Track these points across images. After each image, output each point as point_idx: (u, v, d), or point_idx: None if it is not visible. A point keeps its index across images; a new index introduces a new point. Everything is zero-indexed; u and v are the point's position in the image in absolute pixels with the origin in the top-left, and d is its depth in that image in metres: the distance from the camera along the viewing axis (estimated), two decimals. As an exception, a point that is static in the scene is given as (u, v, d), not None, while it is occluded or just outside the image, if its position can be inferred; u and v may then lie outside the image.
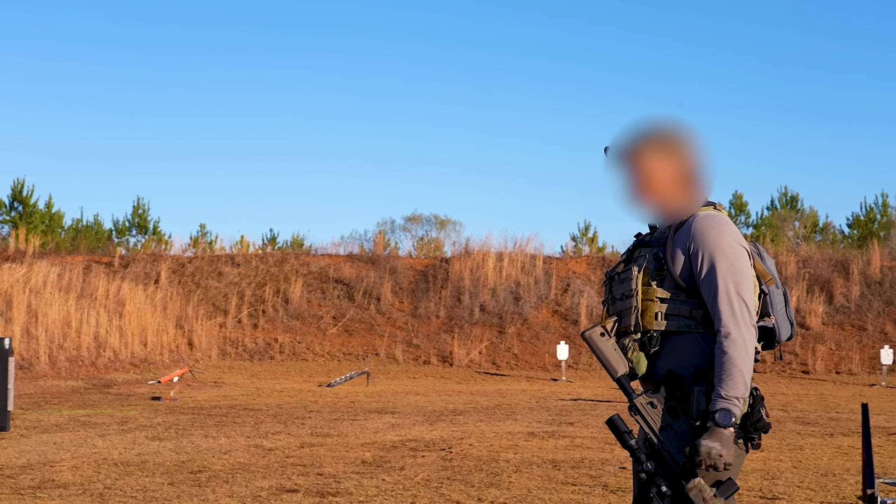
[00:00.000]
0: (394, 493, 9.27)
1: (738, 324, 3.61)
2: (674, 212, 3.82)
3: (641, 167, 3.81)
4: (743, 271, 3.69)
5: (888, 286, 31.54)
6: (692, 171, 3.83)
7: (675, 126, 3.85)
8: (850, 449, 12.72)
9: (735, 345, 3.57)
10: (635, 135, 3.84)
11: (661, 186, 3.81)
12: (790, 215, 42.10)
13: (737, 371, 3.54)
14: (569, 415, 17.01)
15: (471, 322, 30.68)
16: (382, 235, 37.86)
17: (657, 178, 3.80)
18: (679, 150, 3.82)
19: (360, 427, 14.77)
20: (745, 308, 3.65)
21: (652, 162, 3.81)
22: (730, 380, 3.53)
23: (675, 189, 3.81)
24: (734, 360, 3.55)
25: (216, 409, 17.52)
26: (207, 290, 31.98)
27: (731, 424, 3.50)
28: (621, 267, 3.94)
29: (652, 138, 3.82)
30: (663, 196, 3.81)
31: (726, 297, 3.64)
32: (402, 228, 41.46)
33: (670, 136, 3.83)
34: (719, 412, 3.50)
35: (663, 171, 3.81)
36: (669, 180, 3.81)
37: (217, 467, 10.67)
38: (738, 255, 3.71)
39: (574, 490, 9.54)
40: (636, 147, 3.82)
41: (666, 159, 3.81)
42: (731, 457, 3.46)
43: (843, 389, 24.58)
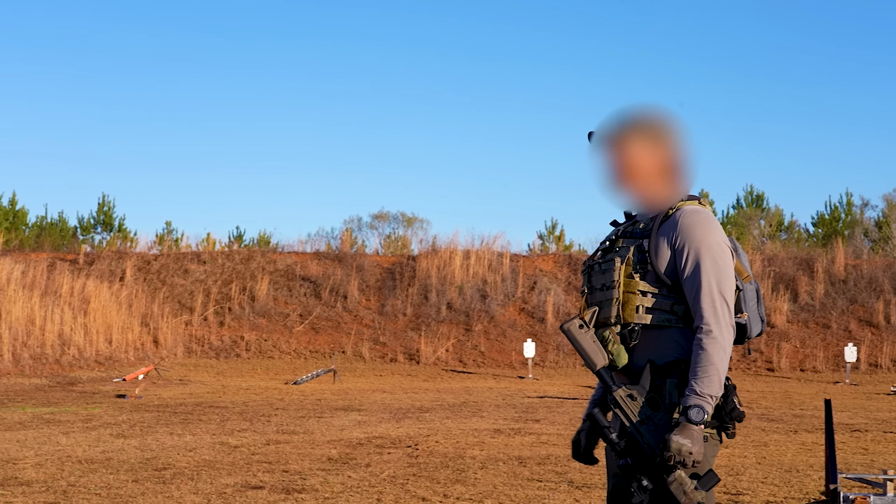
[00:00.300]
0: (359, 489, 9.26)
1: (720, 322, 3.61)
2: (655, 201, 3.79)
3: (625, 154, 3.78)
4: (727, 270, 3.69)
5: (852, 284, 31.76)
6: (676, 161, 3.80)
7: (662, 115, 3.82)
8: (814, 445, 12.80)
9: (714, 343, 3.57)
10: (621, 121, 3.80)
11: (644, 175, 3.77)
12: (756, 214, 42.33)
13: (713, 369, 3.54)
14: (535, 412, 17.04)
15: (438, 320, 30.68)
16: (349, 233, 37.82)
17: (641, 165, 3.77)
18: (664, 139, 3.79)
19: (326, 424, 14.74)
20: (727, 307, 3.65)
21: (636, 149, 3.77)
22: (706, 377, 3.53)
23: (659, 178, 3.78)
24: (712, 359, 3.55)
25: (181, 406, 17.44)
26: (173, 287, 31.83)
27: (703, 422, 3.50)
28: (598, 255, 3.92)
29: (638, 125, 3.78)
30: (646, 184, 3.78)
31: (709, 296, 3.63)
32: (369, 226, 41.46)
33: (657, 124, 3.80)
34: (693, 409, 3.49)
35: (647, 159, 3.78)
36: (653, 169, 3.78)
37: (182, 464, 10.62)
38: (723, 254, 3.70)
39: (540, 486, 9.56)
40: (622, 133, 3.78)
41: (651, 147, 3.78)
42: (700, 454, 3.45)
43: (808, 387, 24.74)
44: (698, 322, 3.62)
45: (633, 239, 3.78)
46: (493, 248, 33.44)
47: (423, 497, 8.91)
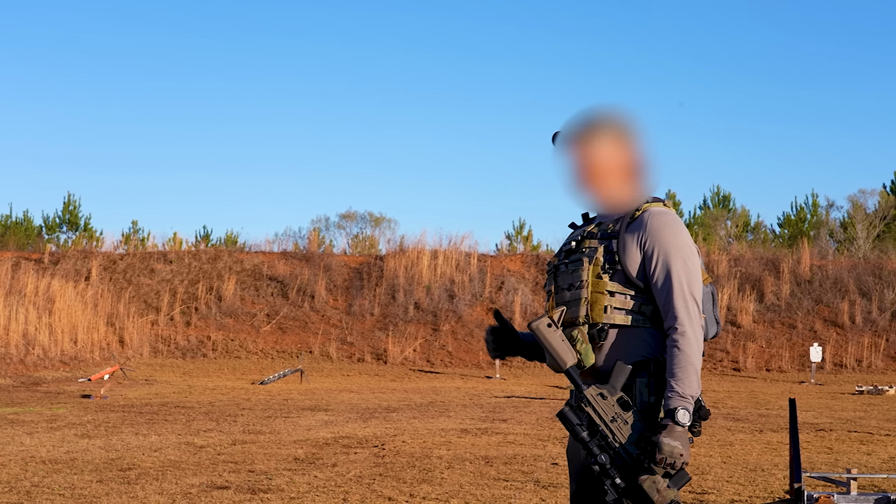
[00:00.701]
0: (325, 489, 9.23)
1: (693, 323, 3.63)
2: (619, 202, 3.80)
3: (589, 154, 3.78)
4: (696, 271, 3.71)
5: (818, 285, 31.96)
6: (639, 162, 3.81)
7: (626, 116, 3.83)
8: (779, 445, 12.87)
9: (690, 343, 3.59)
10: (585, 121, 3.80)
11: (608, 175, 3.78)
12: (722, 214, 42.53)
13: (692, 369, 3.56)
14: (502, 412, 17.05)
15: (405, 320, 30.66)
16: (317, 233, 37.74)
17: (605, 166, 3.78)
18: (628, 140, 3.80)
19: (292, 424, 14.70)
20: (697, 308, 3.67)
21: (600, 149, 3.78)
22: (686, 378, 3.54)
23: (622, 179, 3.79)
24: (690, 359, 3.57)
25: (147, 406, 17.35)
26: (139, 287, 31.67)
27: (689, 423, 3.52)
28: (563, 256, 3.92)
29: (602, 126, 3.79)
30: (609, 185, 3.78)
31: (681, 296, 3.65)
32: (337, 226, 41.35)
33: (621, 125, 3.81)
34: (679, 411, 3.50)
35: (611, 159, 3.78)
36: (617, 169, 3.78)
37: (147, 465, 10.57)
38: (692, 255, 3.73)
39: (506, 486, 9.56)
40: (585, 133, 3.79)
41: (615, 148, 3.78)
42: (688, 455, 3.48)
43: (773, 386, 24.87)
44: (671, 322, 3.63)
45: (600, 240, 3.78)
46: (461, 248, 33.48)
47: (389, 497, 8.90)
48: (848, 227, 40.66)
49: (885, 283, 31.67)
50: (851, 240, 39.48)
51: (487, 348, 4.05)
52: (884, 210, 40.87)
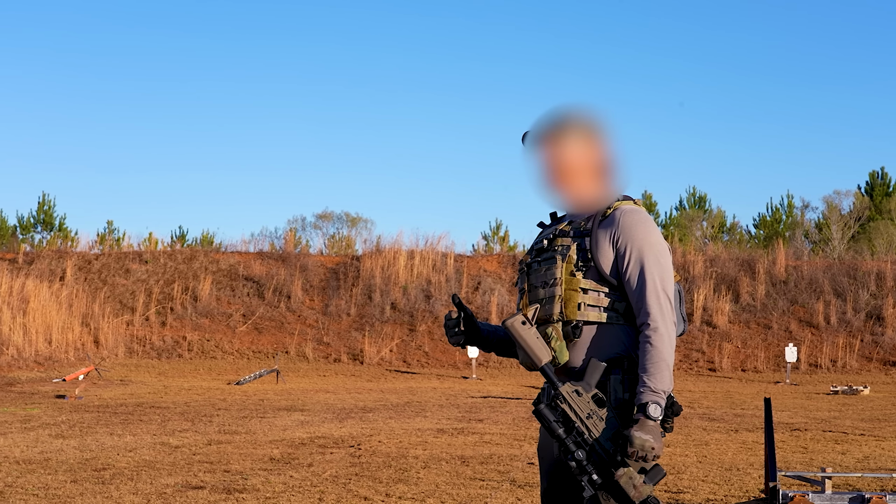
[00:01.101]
0: (301, 489, 9.21)
1: (665, 319, 3.65)
2: (589, 201, 3.81)
3: (560, 153, 3.79)
4: (668, 269, 3.74)
5: (793, 285, 32.09)
6: (609, 161, 3.83)
7: (595, 115, 3.84)
8: (755, 444, 12.91)
9: (663, 339, 3.61)
10: (556, 120, 3.81)
11: (578, 174, 3.79)
12: (698, 215, 42.68)
13: (664, 365, 3.58)
14: (478, 412, 17.05)
15: (382, 320, 30.63)
16: (293, 233, 37.67)
17: (575, 165, 3.79)
18: (598, 139, 3.81)
19: (268, 424, 14.66)
20: (669, 304, 3.69)
21: (571, 148, 3.79)
22: (658, 373, 3.57)
23: (592, 177, 3.80)
24: (662, 355, 3.59)
25: (122, 407, 17.28)
26: (114, 287, 31.54)
27: (660, 417, 3.53)
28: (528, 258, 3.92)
29: (572, 125, 3.80)
30: (580, 184, 3.80)
31: (654, 293, 3.67)
32: (313, 226, 41.28)
33: (591, 124, 3.82)
34: (650, 405, 3.53)
35: (582, 158, 3.79)
36: (587, 168, 3.79)
37: (122, 465, 10.52)
38: (664, 253, 3.76)
39: (482, 485, 9.56)
40: (556, 133, 3.80)
41: (585, 147, 3.80)
42: (661, 449, 3.50)
43: (749, 387, 24.94)
44: (644, 319, 3.65)
45: (573, 238, 3.79)
46: (438, 249, 33.46)
47: (365, 496, 8.88)
48: (823, 227, 40.87)
49: (859, 283, 31.82)
50: (826, 241, 39.68)
51: (448, 334, 4.02)
52: (858, 211, 41.10)
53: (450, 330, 4.01)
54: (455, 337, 4.01)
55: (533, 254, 3.92)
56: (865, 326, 30.28)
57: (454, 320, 3.99)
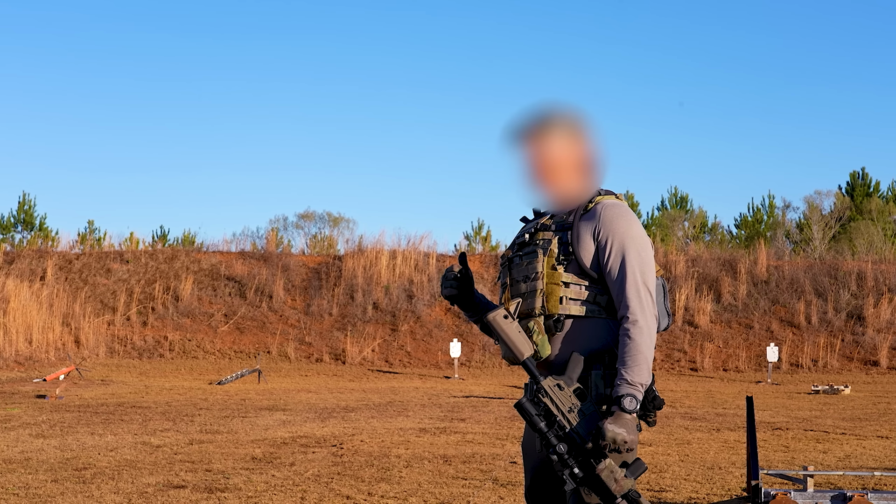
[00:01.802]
0: (283, 488, 9.19)
1: (645, 312, 3.66)
2: (571, 198, 3.80)
3: (544, 151, 3.78)
4: (649, 262, 3.74)
5: (774, 285, 32.17)
6: (592, 157, 3.82)
7: (577, 111, 3.83)
8: (736, 443, 12.93)
9: (642, 332, 3.62)
10: (539, 117, 3.80)
11: (562, 171, 3.78)
12: (680, 215, 42.77)
13: (642, 358, 3.58)
14: (461, 411, 17.04)
15: (364, 320, 30.59)
16: (275, 233, 37.60)
17: (559, 162, 3.78)
18: (582, 135, 3.81)
19: (250, 424, 14.62)
20: (650, 298, 3.69)
21: (555, 146, 3.78)
22: (636, 366, 3.57)
23: (575, 174, 3.80)
24: (640, 348, 3.60)
25: (103, 406, 17.21)
26: (95, 287, 31.42)
27: (635, 410, 3.53)
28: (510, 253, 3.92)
29: (556, 122, 3.79)
30: (563, 181, 3.79)
31: (634, 286, 3.68)
32: (295, 226, 41.21)
33: (574, 120, 3.81)
34: (626, 398, 3.53)
35: (565, 155, 3.78)
36: (571, 165, 3.79)
37: (103, 464, 10.47)
38: (646, 246, 3.76)
39: (464, 484, 9.55)
40: (540, 130, 3.79)
41: (569, 144, 3.78)
42: (634, 441, 3.51)
43: (730, 386, 25.00)
44: (624, 312, 3.65)
45: (555, 231, 3.79)
46: (420, 249, 33.44)
47: (347, 495, 8.87)
48: (804, 228, 40.99)
49: (840, 283, 31.93)
50: (807, 241, 39.80)
51: (442, 284, 4.00)
52: (839, 211, 41.24)
53: (446, 280, 3.98)
54: (448, 289, 3.98)
55: (515, 248, 3.92)
56: (846, 326, 30.38)
57: (454, 273, 3.97)
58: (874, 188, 43.39)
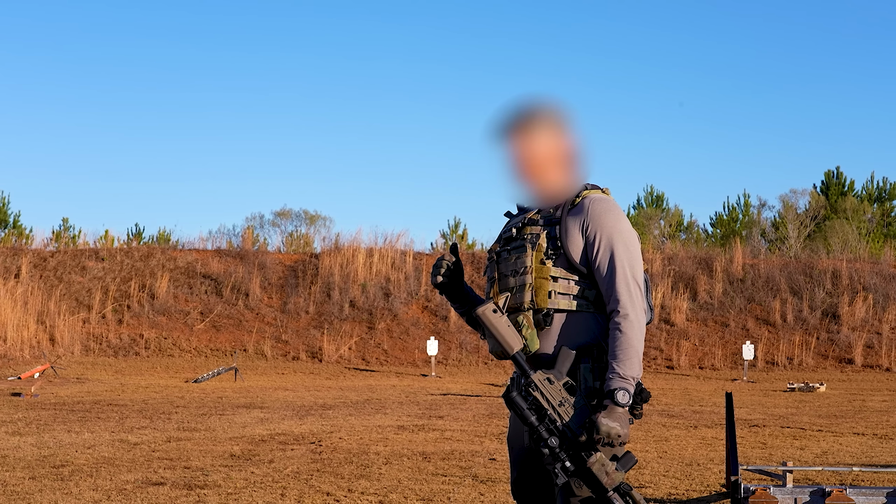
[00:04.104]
0: (263, 485, 9.16)
1: (635, 306, 3.66)
2: (557, 192, 3.78)
3: (530, 146, 3.76)
4: (637, 256, 3.75)
5: (750, 283, 32.30)
6: (576, 149, 3.81)
7: (559, 104, 3.81)
8: (714, 440, 12.98)
9: (633, 326, 3.62)
10: (522, 113, 3.77)
11: (547, 166, 3.76)
12: (656, 214, 42.88)
13: (633, 352, 3.59)
14: (438, 409, 17.04)
15: (340, 318, 30.55)
16: (251, 230, 37.49)
17: (544, 157, 3.76)
18: (565, 128, 3.79)
19: (227, 421, 14.58)
20: (639, 291, 3.70)
21: (540, 140, 3.75)
22: (627, 360, 3.58)
23: (561, 169, 3.78)
24: (631, 341, 3.60)
25: (79, 404, 17.13)
26: (70, 284, 31.26)
27: (628, 404, 3.54)
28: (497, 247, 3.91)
29: (539, 117, 3.76)
30: (549, 176, 3.77)
31: (624, 280, 3.68)
32: (272, 224, 41.08)
33: (556, 114, 3.79)
34: (619, 391, 3.54)
35: (550, 150, 3.76)
36: (555, 160, 3.77)
37: (80, 461, 10.42)
38: (634, 241, 3.76)
39: (444, 481, 9.55)
40: (523, 125, 3.76)
41: (553, 138, 3.76)
42: (627, 435, 3.52)
43: (707, 384, 25.10)
44: (614, 306, 3.65)
45: (542, 226, 3.78)
46: (397, 247, 33.42)
47: (327, 492, 8.85)
48: (779, 226, 41.16)
49: (815, 282, 32.09)
50: (783, 239, 39.97)
51: (433, 272, 3.96)
52: (814, 210, 41.43)
53: (436, 269, 3.96)
54: (439, 276, 3.95)
55: (502, 243, 3.90)
56: (821, 324, 30.53)
57: (445, 262, 3.95)
58: (849, 187, 43.61)
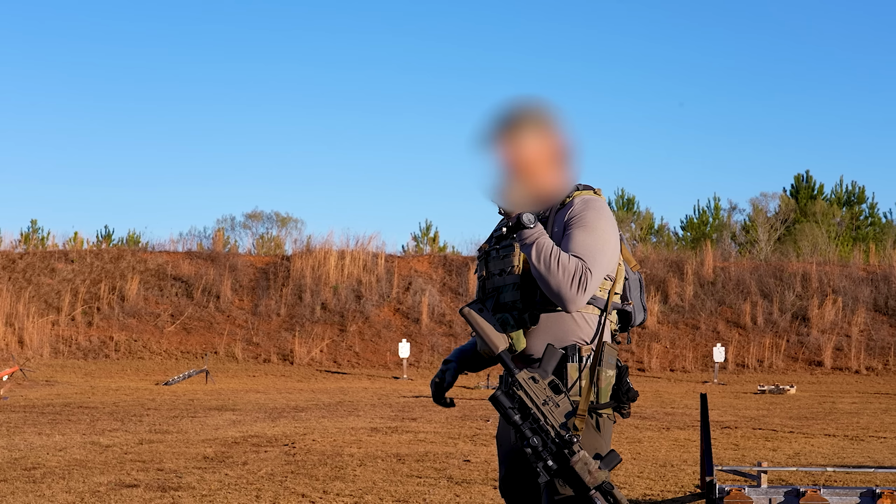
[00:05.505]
0: (238, 486, 9.12)
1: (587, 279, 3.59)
2: (549, 194, 3.74)
3: (518, 149, 3.71)
4: (604, 253, 3.66)
5: (720, 286, 32.43)
6: (565, 148, 3.77)
7: (544, 103, 3.77)
8: (687, 441, 13.02)
9: (578, 265, 3.57)
10: (508, 116, 3.72)
11: (537, 168, 3.71)
12: (627, 217, 43.00)
13: (555, 262, 3.56)
14: (411, 411, 17.02)
15: (312, 320, 30.49)
16: (222, 233, 37.35)
17: (533, 159, 3.71)
18: (552, 128, 3.74)
19: (200, 424, 14.51)
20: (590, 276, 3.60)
21: (528, 143, 3.70)
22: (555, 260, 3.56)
23: (551, 169, 3.74)
24: (563, 263, 3.56)
25: (49, 407, 17.01)
26: (40, 286, 31.07)
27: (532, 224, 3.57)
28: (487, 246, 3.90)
29: (526, 119, 3.71)
30: (539, 178, 3.72)
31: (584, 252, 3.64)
32: (243, 226, 40.98)
33: (542, 115, 3.74)
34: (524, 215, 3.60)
35: (540, 151, 3.72)
36: (545, 160, 3.72)
37: (52, 464, 10.35)
38: (608, 240, 3.70)
39: (419, 482, 9.53)
40: (510, 129, 3.71)
41: (541, 139, 3.71)
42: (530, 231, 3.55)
43: (678, 386, 25.19)
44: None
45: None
46: (368, 249, 33.37)
47: (302, 493, 8.82)
48: (749, 229, 41.37)
49: (785, 284, 32.25)
50: (753, 242, 40.17)
51: (437, 392, 4.09)
52: (784, 213, 41.67)
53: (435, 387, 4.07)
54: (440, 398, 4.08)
55: (493, 241, 3.89)
56: (791, 327, 30.69)
57: (442, 391, 4.05)
58: (818, 191, 43.87)
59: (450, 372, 4.03)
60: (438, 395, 4.07)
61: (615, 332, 3.84)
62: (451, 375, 4.03)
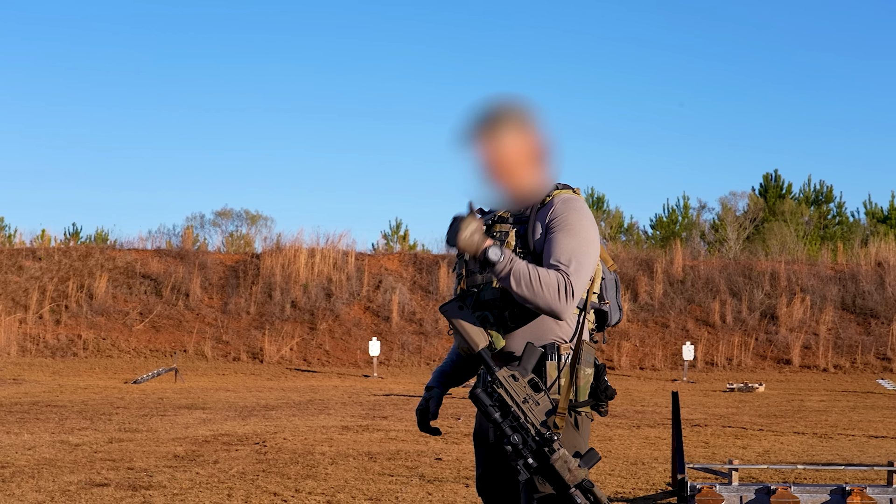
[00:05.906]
0: (209, 485, 9.08)
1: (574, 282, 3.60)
2: (529, 192, 3.74)
3: (497, 148, 3.70)
4: (587, 254, 3.66)
5: (690, 285, 32.56)
6: (544, 146, 3.77)
7: (523, 101, 3.77)
8: (657, 439, 13.07)
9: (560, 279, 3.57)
10: (488, 115, 3.72)
11: (517, 166, 3.71)
12: (597, 216, 43.09)
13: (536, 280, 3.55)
14: (382, 409, 17.01)
15: (282, 318, 30.41)
16: (191, 230, 37.19)
17: (514, 157, 3.70)
18: (531, 126, 3.74)
19: (170, 422, 14.45)
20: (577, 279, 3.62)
21: (508, 141, 3.70)
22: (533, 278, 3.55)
23: (531, 167, 3.73)
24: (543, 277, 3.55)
25: (17, 406, 16.89)
26: (6, 285, 30.86)
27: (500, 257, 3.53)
28: None
29: (505, 117, 3.71)
30: (519, 176, 3.72)
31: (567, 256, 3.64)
32: (212, 223, 40.78)
33: (522, 113, 3.74)
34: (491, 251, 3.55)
35: (519, 149, 3.71)
36: (524, 159, 3.72)
37: (21, 463, 10.28)
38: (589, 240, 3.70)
39: (391, 480, 9.53)
40: (490, 127, 3.70)
41: (521, 137, 3.71)
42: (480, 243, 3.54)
43: (648, 384, 25.27)
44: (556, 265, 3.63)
45: (512, 224, 3.76)
46: (339, 247, 33.29)
47: (274, 492, 8.80)
48: (719, 228, 41.55)
49: (754, 283, 32.41)
50: (722, 241, 40.34)
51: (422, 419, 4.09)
52: (753, 212, 41.87)
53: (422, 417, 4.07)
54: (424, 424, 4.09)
55: None
56: (760, 325, 30.85)
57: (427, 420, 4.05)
58: (787, 190, 44.12)
59: (433, 401, 4.04)
60: (423, 423, 4.07)
61: (592, 332, 3.84)
62: (435, 405, 4.03)
